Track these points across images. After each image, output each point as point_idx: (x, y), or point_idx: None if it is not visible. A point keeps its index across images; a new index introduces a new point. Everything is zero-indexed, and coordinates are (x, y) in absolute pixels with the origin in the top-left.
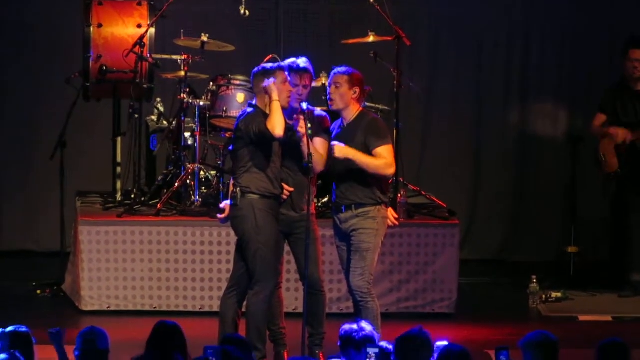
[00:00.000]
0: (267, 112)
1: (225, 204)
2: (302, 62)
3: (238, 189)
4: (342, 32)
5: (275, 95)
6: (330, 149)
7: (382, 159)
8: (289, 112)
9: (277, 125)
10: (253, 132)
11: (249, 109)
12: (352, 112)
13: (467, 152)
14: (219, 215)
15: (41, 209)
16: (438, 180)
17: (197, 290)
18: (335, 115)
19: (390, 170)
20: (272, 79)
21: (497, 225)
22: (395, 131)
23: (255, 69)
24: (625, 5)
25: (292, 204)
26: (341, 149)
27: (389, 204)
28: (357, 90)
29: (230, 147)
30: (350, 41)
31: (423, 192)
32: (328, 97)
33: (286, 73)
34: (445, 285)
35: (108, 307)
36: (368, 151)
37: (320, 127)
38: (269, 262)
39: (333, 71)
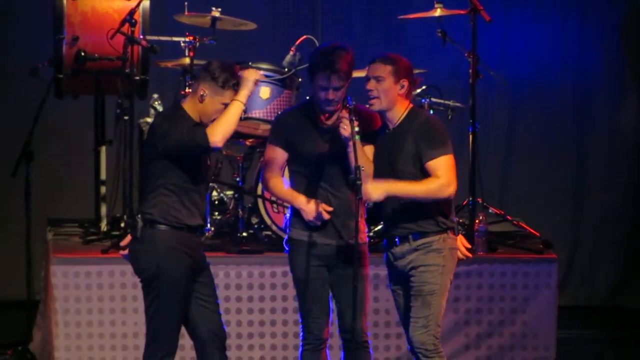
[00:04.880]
0: (200, 120)
1: (129, 236)
2: (333, 55)
3: (139, 216)
4: (400, 5)
5: (245, 94)
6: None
7: (435, 181)
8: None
9: (221, 131)
10: (182, 140)
11: (169, 111)
12: (399, 111)
13: (567, 163)
14: (121, 252)
15: (0, 242)
16: (528, 201)
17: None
18: None
19: (449, 191)
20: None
21: (608, 260)
22: (470, 136)
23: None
24: None
25: (336, 229)
26: (376, 191)
27: (457, 231)
28: (405, 83)
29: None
30: (411, 16)
31: (509, 217)
32: (369, 95)
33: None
34: (539, 340)
35: None
36: (421, 163)
37: (368, 130)
38: (170, 317)
39: (371, 61)
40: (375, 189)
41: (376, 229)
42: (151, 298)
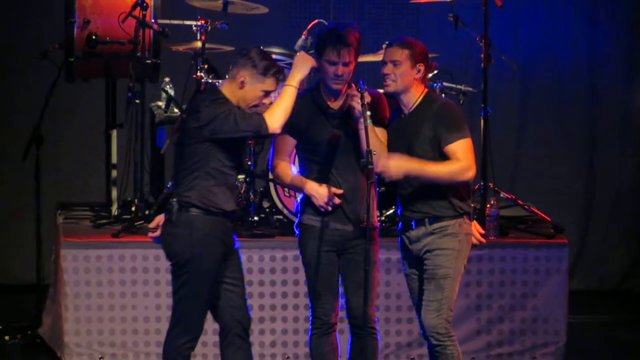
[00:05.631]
0: (238, 105)
1: (159, 218)
2: (342, 30)
3: (175, 199)
4: None
5: (299, 78)
6: (382, 167)
7: (456, 163)
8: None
9: (281, 117)
10: (238, 125)
11: (211, 96)
12: (414, 95)
13: (579, 148)
14: (150, 234)
15: (10, 226)
16: (539, 185)
17: (217, 333)
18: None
19: (468, 174)
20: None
21: (619, 245)
22: (482, 120)
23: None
24: None
25: (346, 214)
26: (398, 166)
27: (473, 216)
28: (422, 67)
29: (176, 141)
30: (423, 0)
31: (520, 202)
32: (383, 77)
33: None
34: (550, 325)
35: (101, 358)
36: (439, 147)
37: (377, 115)
38: (198, 303)
39: (388, 45)
40: (397, 167)
41: (388, 213)
42: (180, 283)
